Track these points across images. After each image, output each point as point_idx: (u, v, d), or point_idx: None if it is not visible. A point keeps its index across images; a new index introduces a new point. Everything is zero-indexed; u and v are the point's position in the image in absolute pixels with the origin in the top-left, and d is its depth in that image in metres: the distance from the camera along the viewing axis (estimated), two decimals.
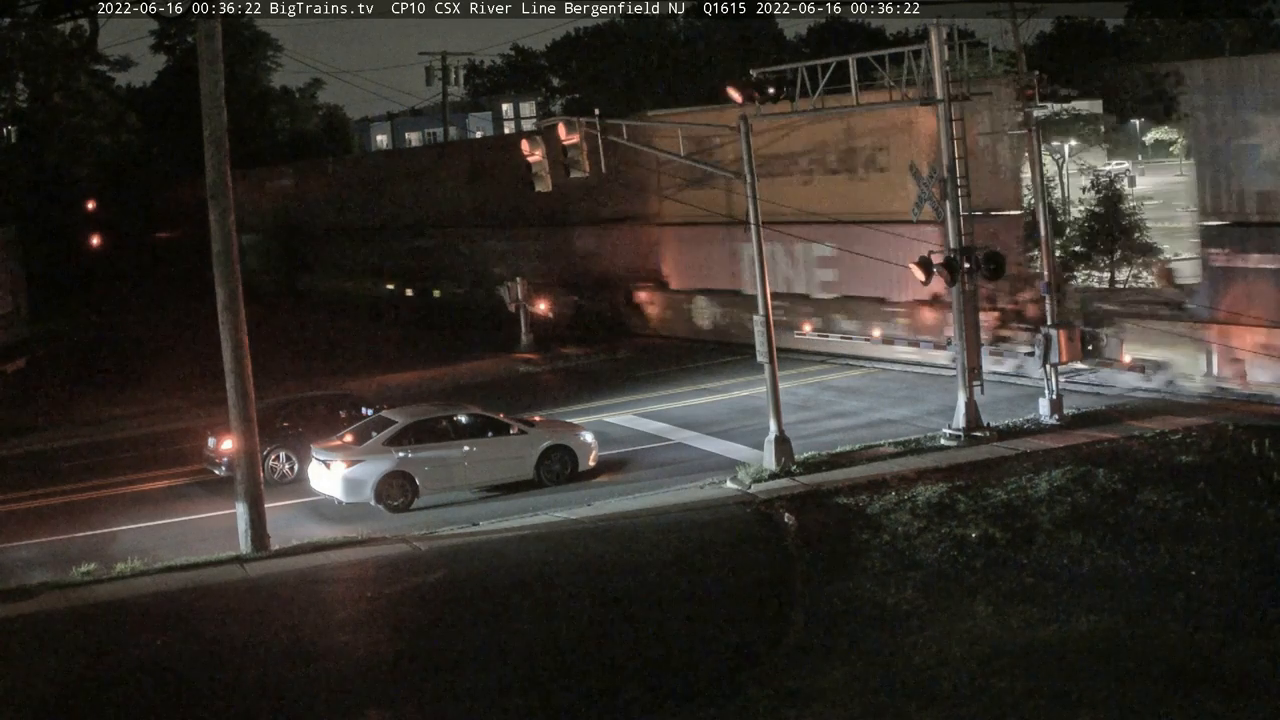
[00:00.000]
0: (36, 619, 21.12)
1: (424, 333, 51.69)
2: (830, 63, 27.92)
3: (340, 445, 27.03)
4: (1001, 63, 42.80)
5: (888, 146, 36.41)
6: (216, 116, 24.05)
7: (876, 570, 20.22)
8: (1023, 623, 17.64)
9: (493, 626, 19.41)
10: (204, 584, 22.43)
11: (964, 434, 27.40)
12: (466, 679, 17.46)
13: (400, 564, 22.79)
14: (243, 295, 24.35)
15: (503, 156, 50.07)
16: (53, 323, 60.99)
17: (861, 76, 28.08)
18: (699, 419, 32.56)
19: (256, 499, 24.31)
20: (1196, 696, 15.03)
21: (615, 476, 28.01)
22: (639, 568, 21.54)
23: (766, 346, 26.77)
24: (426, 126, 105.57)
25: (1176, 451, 25.10)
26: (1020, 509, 22.37)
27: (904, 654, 16.98)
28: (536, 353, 44.05)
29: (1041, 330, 29.09)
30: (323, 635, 19.71)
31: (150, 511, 27.75)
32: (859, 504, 23.69)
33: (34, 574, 23.47)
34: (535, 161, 29.66)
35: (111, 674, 18.65)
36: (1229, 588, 18.29)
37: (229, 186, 24.23)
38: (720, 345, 41.60)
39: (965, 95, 27.83)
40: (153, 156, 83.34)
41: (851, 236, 34.96)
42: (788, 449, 26.68)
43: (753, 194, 27.06)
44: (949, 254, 27.22)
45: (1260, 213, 28.87)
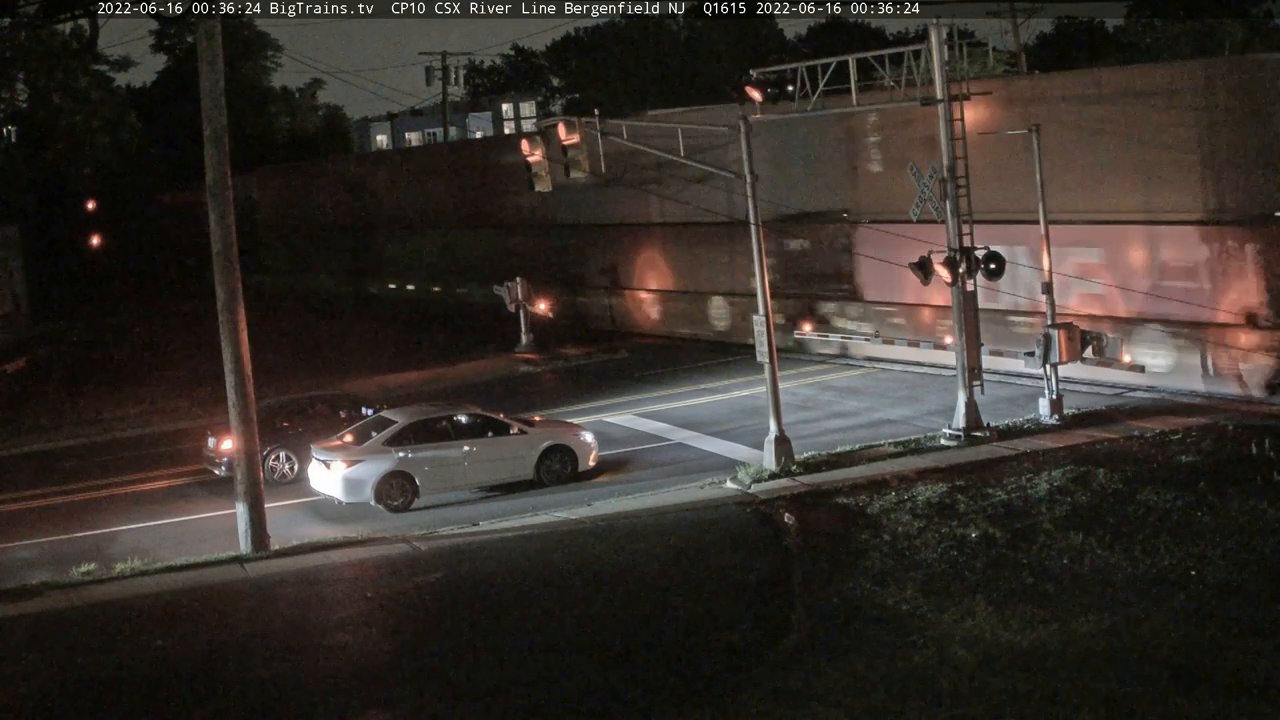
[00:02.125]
0: (37, 619, 21.13)
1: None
2: (830, 63, 27.94)
3: (340, 445, 27.03)
4: (1001, 63, 42.81)
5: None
6: (216, 116, 24.05)
7: (876, 570, 20.22)
8: (1023, 623, 17.65)
9: (492, 626, 19.42)
10: (204, 584, 22.44)
11: (964, 434, 27.39)
12: (466, 679, 17.47)
13: (400, 564, 22.79)
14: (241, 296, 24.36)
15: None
16: (53, 323, 61.04)
17: (861, 76, 28.09)
18: (699, 419, 32.56)
19: (256, 499, 24.31)
20: (1196, 696, 15.04)
21: (615, 476, 28.01)
22: (638, 568, 21.54)
23: (766, 346, 26.77)
24: (426, 126, 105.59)
25: (1176, 451, 25.10)
26: (1020, 509, 22.38)
27: (904, 654, 16.98)
28: (536, 353, 44.06)
29: (1041, 330, 29.09)
30: (323, 635, 19.71)
31: (150, 511, 27.76)
32: (859, 504, 23.69)
33: (34, 574, 23.47)
34: (535, 161, 29.69)
35: (111, 674, 18.66)
36: (1229, 588, 18.30)
37: (229, 186, 24.24)
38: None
39: (965, 95, 27.82)
40: (153, 156, 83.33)
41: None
42: (788, 449, 26.68)
43: (753, 194, 27.05)
44: (949, 254, 27.22)
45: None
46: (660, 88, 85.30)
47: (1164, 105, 30.21)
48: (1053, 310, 29.15)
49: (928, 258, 27.43)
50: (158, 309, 65.25)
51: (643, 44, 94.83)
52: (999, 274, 27.62)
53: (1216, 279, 29.44)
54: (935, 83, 27.38)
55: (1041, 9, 66.47)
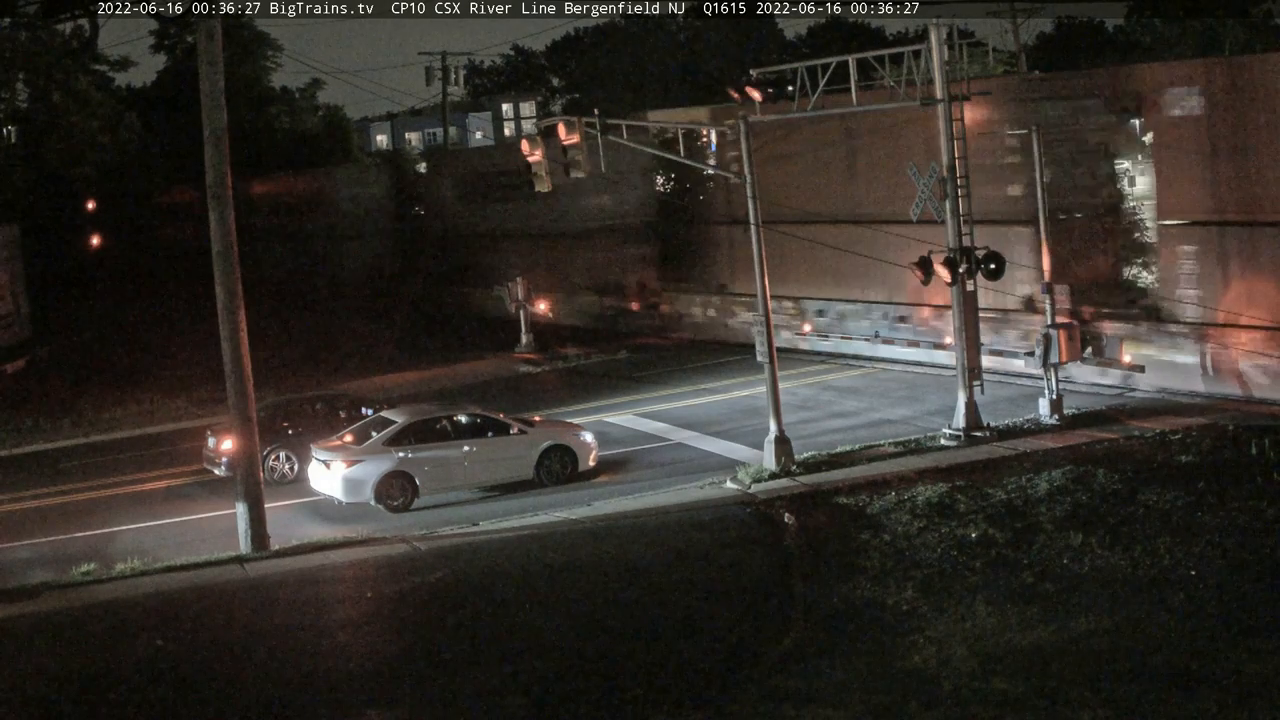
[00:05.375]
0: (37, 619, 21.12)
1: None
2: (830, 62, 27.94)
3: (340, 445, 27.03)
4: (1001, 63, 42.80)
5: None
6: (216, 116, 24.05)
7: (876, 570, 20.23)
8: (1023, 623, 17.65)
9: (493, 626, 19.42)
10: (204, 584, 22.44)
11: (964, 434, 27.40)
12: (466, 679, 17.47)
13: (400, 564, 22.79)
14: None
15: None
16: (53, 323, 60.96)
17: (861, 76, 28.09)
18: (699, 419, 32.56)
19: (256, 499, 24.31)
20: (1196, 696, 15.05)
21: (615, 476, 28.01)
22: (638, 568, 21.54)
23: (766, 346, 26.77)
24: (426, 126, 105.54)
25: (1176, 451, 25.10)
26: (1020, 509, 22.38)
27: (904, 654, 16.99)
28: (536, 353, 44.06)
29: (1041, 330, 29.08)
30: (323, 635, 19.72)
31: (150, 511, 27.75)
32: (859, 504, 23.69)
33: (34, 574, 23.46)
34: (535, 161, 29.67)
35: (111, 674, 18.64)
36: (1229, 588, 18.30)
37: (229, 186, 24.23)
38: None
39: (965, 95, 27.82)
40: (153, 156, 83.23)
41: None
42: (788, 449, 26.68)
43: (753, 194, 27.04)
44: (949, 253, 27.21)
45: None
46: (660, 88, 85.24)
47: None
48: (1053, 310, 29.16)
49: (928, 257, 27.43)
50: (158, 309, 65.20)
51: (643, 44, 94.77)
52: (999, 274, 27.61)
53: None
54: (935, 82, 27.38)
55: (1041, 9, 66.38)
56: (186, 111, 51.79)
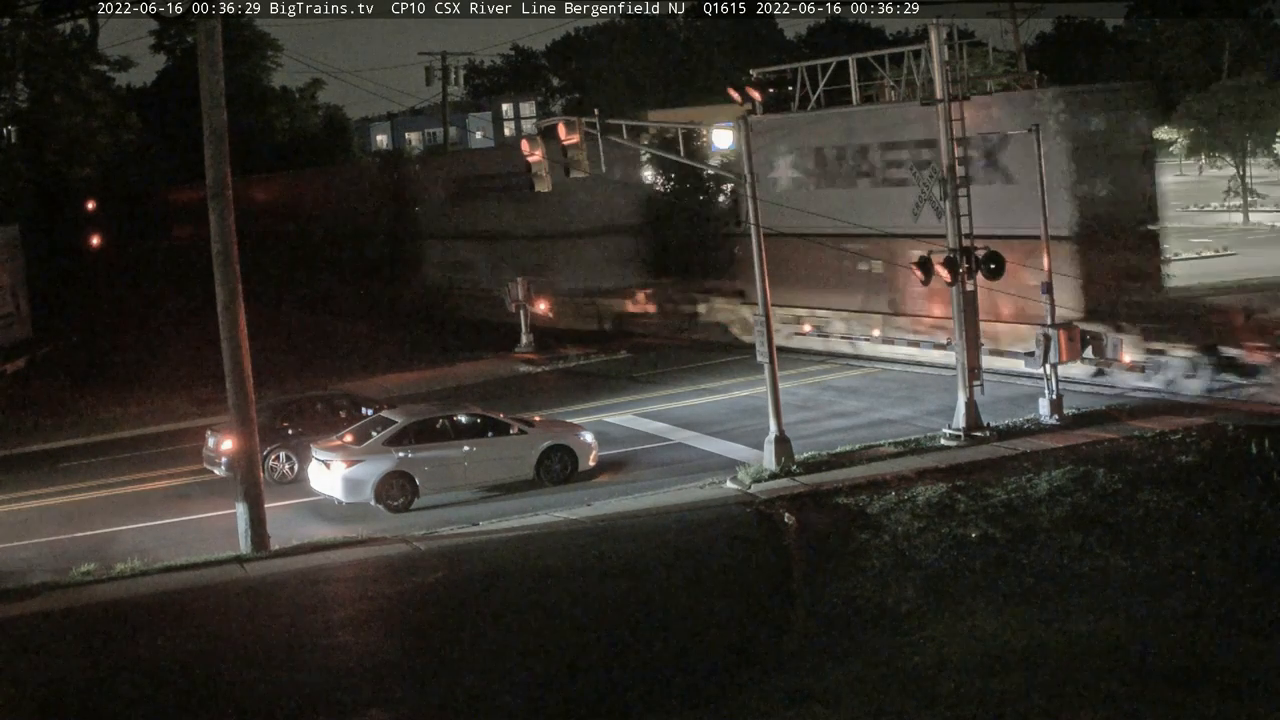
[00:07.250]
0: (36, 619, 21.12)
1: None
2: (830, 63, 28.01)
3: (340, 445, 27.02)
4: (1001, 63, 42.83)
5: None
6: (216, 116, 24.04)
7: (876, 570, 20.22)
8: (1023, 623, 17.64)
9: (492, 626, 19.42)
10: (204, 584, 22.43)
11: (964, 434, 27.39)
12: (466, 679, 17.47)
13: (400, 564, 22.79)
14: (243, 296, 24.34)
15: None
16: (53, 322, 60.93)
17: (861, 76, 28.12)
18: (699, 419, 32.55)
19: (256, 499, 24.30)
20: (1196, 696, 15.04)
21: (615, 476, 28.00)
22: (638, 568, 21.53)
23: (766, 346, 26.76)
24: (426, 126, 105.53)
25: (1176, 451, 25.10)
26: (1020, 509, 22.37)
27: (904, 654, 16.97)
28: (537, 353, 44.04)
29: (1041, 330, 29.07)
30: (323, 635, 19.71)
31: (150, 511, 27.74)
32: (859, 504, 23.68)
33: (34, 574, 23.46)
34: (535, 161, 29.64)
35: (111, 674, 18.65)
36: (1229, 588, 18.29)
37: (229, 186, 24.23)
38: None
39: (965, 95, 27.83)
40: (153, 156, 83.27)
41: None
42: (788, 449, 26.67)
43: (753, 194, 27.05)
44: (949, 254, 27.22)
45: None
46: (660, 88, 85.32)
47: None
48: (1052, 310, 29.15)
49: (928, 257, 27.44)
50: (158, 309, 65.19)
51: (643, 44, 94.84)
52: (999, 274, 27.62)
53: None
54: (935, 82, 27.39)
55: (1041, 9, 66.49)
56: (186, 111, 51.81)
